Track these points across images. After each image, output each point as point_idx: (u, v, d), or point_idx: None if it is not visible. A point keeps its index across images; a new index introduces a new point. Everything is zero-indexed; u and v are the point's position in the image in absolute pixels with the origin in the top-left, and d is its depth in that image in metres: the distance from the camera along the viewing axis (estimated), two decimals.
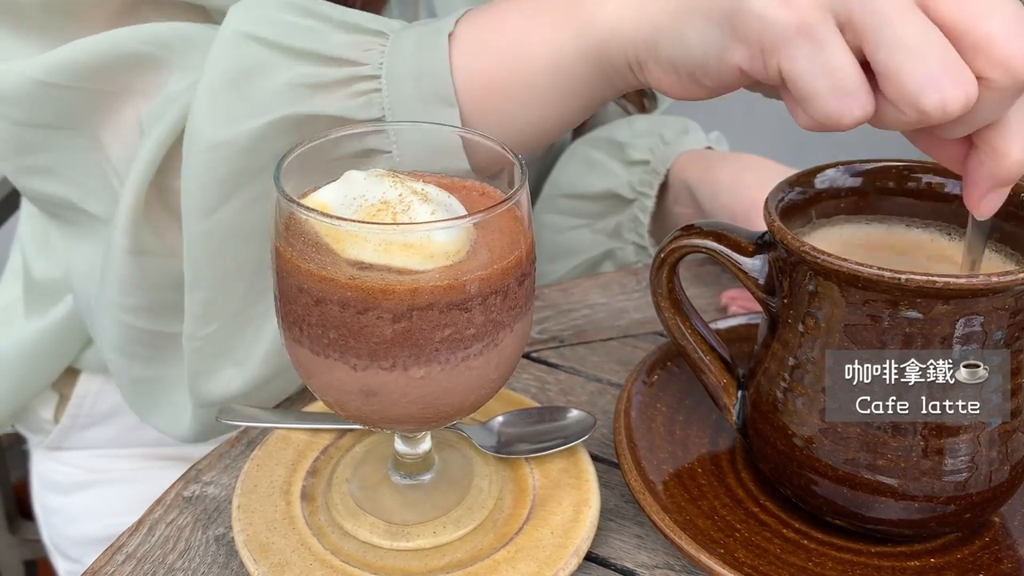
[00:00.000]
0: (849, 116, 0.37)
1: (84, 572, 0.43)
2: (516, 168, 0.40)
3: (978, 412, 0.39)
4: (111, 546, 0.44)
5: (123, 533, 0.45)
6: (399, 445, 0.46)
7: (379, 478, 0.47)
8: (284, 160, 0.40)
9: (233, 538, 0.43)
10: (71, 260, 0.59)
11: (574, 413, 0.49)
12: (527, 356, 0.60)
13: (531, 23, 0.47)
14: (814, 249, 0.38)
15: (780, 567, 0.42)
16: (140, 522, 0.46)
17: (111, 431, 0.79)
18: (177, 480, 0.48)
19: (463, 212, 0.39)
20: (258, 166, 0.47)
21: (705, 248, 0.44)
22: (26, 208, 0.79)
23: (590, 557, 0.44)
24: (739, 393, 0.47)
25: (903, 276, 0.36)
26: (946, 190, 0.45)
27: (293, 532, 0.43)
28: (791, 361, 0.42)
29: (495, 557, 0.42)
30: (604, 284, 0.69)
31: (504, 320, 0.39)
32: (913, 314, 0.38)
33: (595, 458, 0.49)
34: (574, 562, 0.42)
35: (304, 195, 0.40)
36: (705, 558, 0.41)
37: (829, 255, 0.38)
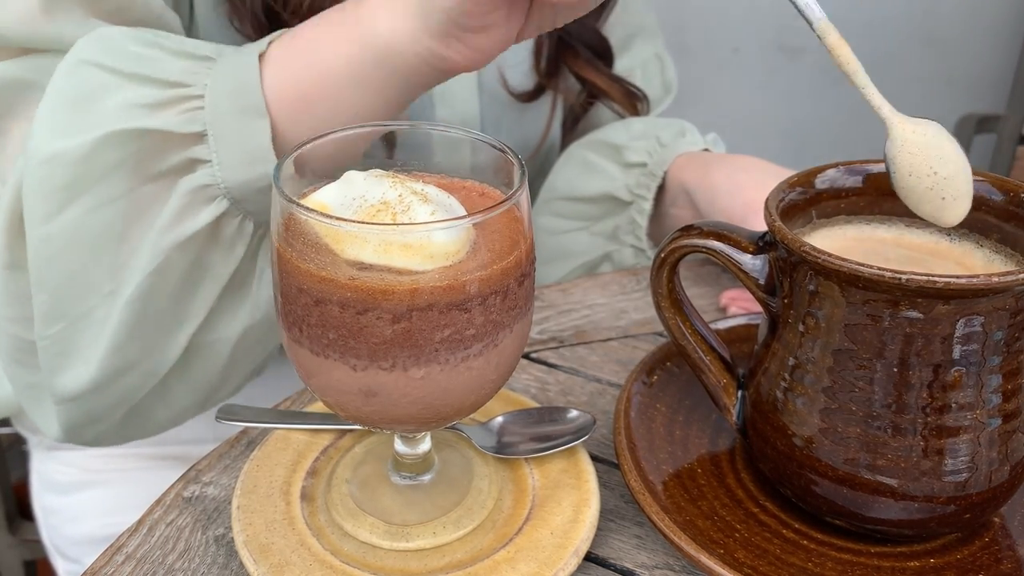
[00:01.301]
0: None
1: (84, 572, 0.43)
2: (515, 168, 0.40)
3: (978, 413, 0.39)
4: (111, 546, 0.44)
5: (123, 533, 0.45)
6: (399, 445, 0.46)
7: (379, 478, 0.47)
8: (284, 160, 0.40)
9: (233, 538, 0.43)
10: None
11: (574, 413, 0.49)
12: (527, 356, 0.60)
13: (326, 38, 0.52)
14: (815, 249, 0.38)
15: (780, 567, 0.42)
16: (140, 522, 0.46)
17: None
18: (177, 481, 0.48)
19: (463, 212, 0.39)
20: (94, 176, 0.50)
21: (706, 248, 0.44)
22: None
23: (590, 557, 0.44)
24: (739, 393, 0.47)
25: (904, 276, 0.36)
26: None
27: (293, 532, 0.43)
28: (791, 361, 0.42)
29: (495, 557, 0.42)
30: (604, 284, 0.69)
31: (504, 320, 0.39)
32: (913, 314, 0.38)
33: (595, 458, 0.49)
34: (574, 562, 0.42)
35: (304, 195, 0.41)
36: (705, 558, 0.41)
37: (830, 255, 0.38)
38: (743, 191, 0.66)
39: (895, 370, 0.39)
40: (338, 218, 0.37)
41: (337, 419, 0.50)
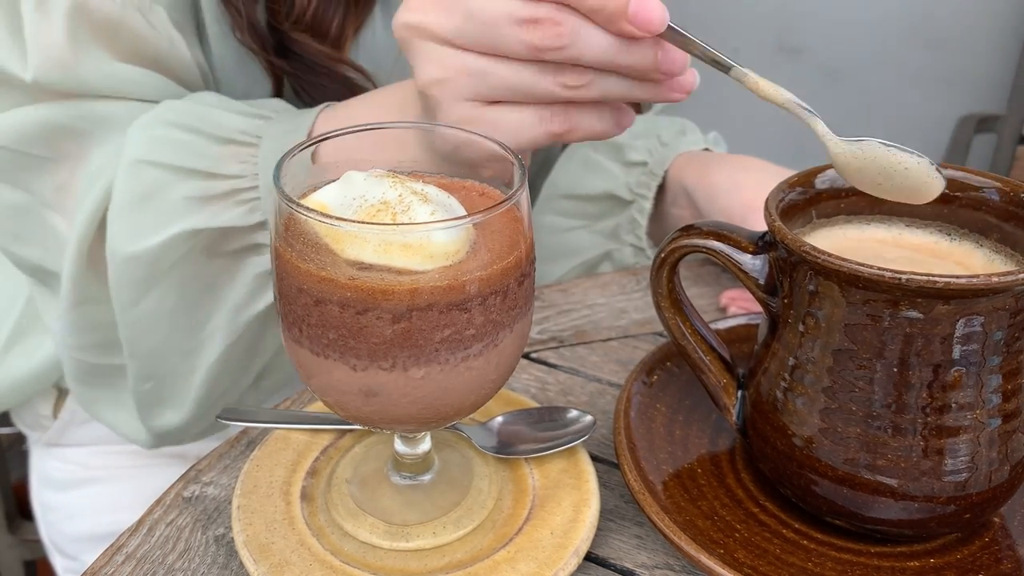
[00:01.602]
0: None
1: (84, 572, 0.43)
2: (515, 168, 0.40)
3: (978, 413, 0.39)
4: (111, 546, 0.44)
5: (123, 533, 0.45)
6: (399, 445, 0.46)
7: (379, 478, 0.47)
8: (284, 161, 0.40)
9: (233, 538, 0.43)
10: (46, 314, 0.69)
11: (574, 413, 0.49)
12: (527, 356, 0.60)
13: (378, 116, 0.55)
14: (815, 249, 0.38)
15: (780, 567, 0.42)
16: (140, 522, 0.46)
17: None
18: (177, 480, 0.48)
19: (463, 212, 0.39)
20: (166, 268, 0.57)
21: (706, 248, 0.44)
22: None
23: (590, 557, 0.44)
24: (739, 393, 0.47)
25: (903, 276, 0.36)
26: (948, 191, 0.45)
27: (293, 532, 0.43)
28: (791, 361, 0.42)
29: (495, 557, 0.42)
30: (604, 284, 0.69)
31: (504, 320, 0.39)
32: (913, 314, 0.38)
33: (595, 458, 0.49)
34: (574, 562, 0.42)
35: (304, 196, 0.41)
36: (705, 558, 0.41)
37: (830, 255, 0.38)
38: (743, 191, 0.66)
39: (895, 370, 0.39)
40: (338, 218, 0.37)
41: (337, 419, 0.50)
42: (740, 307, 0.64)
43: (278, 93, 0.69)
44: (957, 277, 0.36)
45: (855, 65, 1.73)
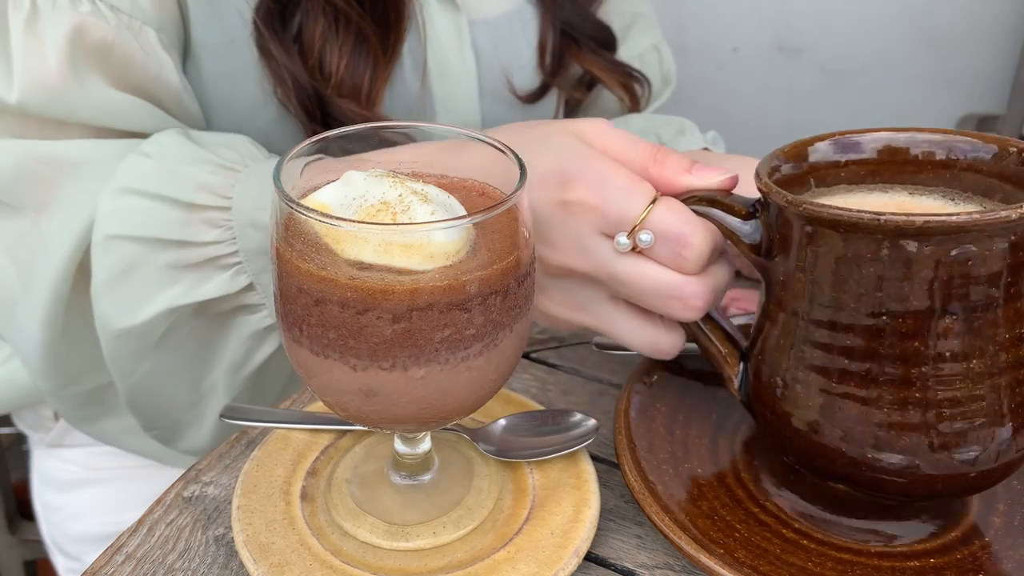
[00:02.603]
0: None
1: (84, 572, 0.43)
2: (516, 168, 0.40)
3: (977, 361, 0.39)
4: (111, 546, 0.44)
5: (123, 533, 0.45)
6: (399, 445, 0.46)
7: (379, 478, 0.47)
8: (284, 160, 0.40)
9: (233, 538, 0.43)
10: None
11: (577, 417, 0.49)
12: (527, 356, 0.60)
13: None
14: (795, 198, 0.39)
15: (780, 567, 0.42)
16: (140, 522, 0.46)
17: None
18: (177, 480, 0.48)
19: (463, 212, 0.39)
20: (157, 339, 0.58)
21: (700, 212, 0.45)
22: None
23: (590, 557, 0.44)
24: (742, 365, 0.47)
25: (883, 216, 0.36)
26: (949, 156, 0.45)
27: (293, 532, 0.43)
28: (788, 320, 0.42)
29: (495, 557, 0.42)
30: None
31: (504, 320, 0.39)
32: (901, 258, 0.37)
33: (595, 458, 0.49)
34: (574, 562, 0.42)
35: (304, 195, 0.41)
36: (705, 558, 0.41)
37: (811, 202, 0.38)
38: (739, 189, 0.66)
39: (884, 319, 0.38)
40: (338, 218, 0.37)
41: (337, 419, 0.50)
42: (740, 308, 0.64)
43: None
44: (937, 215, 0.36)
45: (855, 65, 1.73)
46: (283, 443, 0.49)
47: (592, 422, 0.48)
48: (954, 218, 0.36)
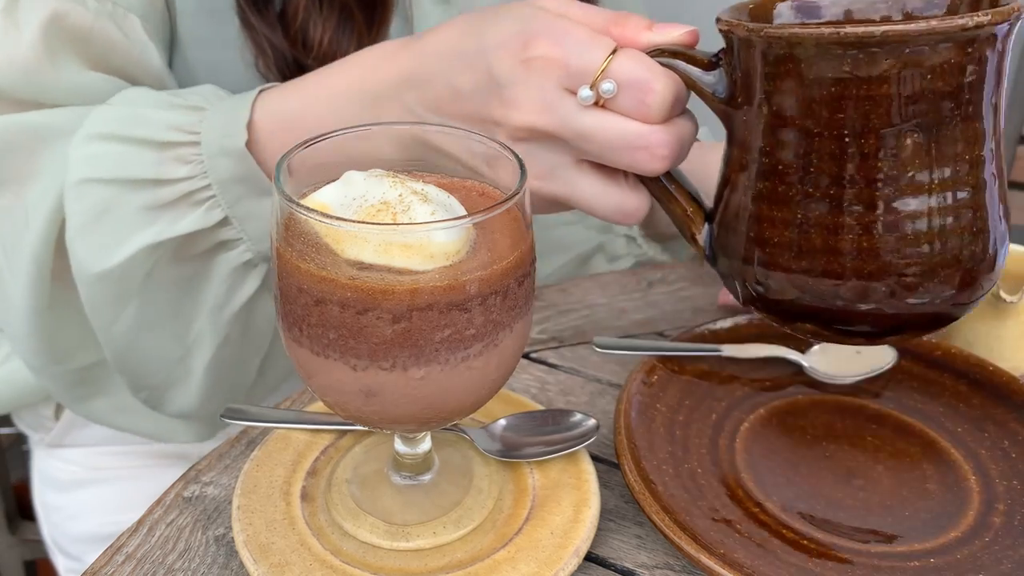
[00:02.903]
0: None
1: (84, 572, 0.43)
2: (516, 168, 0.40)
3: (940, 180, 0.39)
4: (111, 546, 0.44)
5: (123, 533, 0.45)
6: (399, 445, 0.46)
7: (379, 478, 0.47)
8: (284, 160, 0.40)
9: (233, 538, 0.43)
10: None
11: (577, 417, 0.49)
12: (527, 356, 0.60)
13: (324, 104, 0.54)
14: (756, 25, 0.39)
15: (780, 567, 0.42)
16: (140, 522, 0.46)
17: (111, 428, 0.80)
18: (177, 480, 0.48)
19: (463, 212, 0.39)
20: (137, 283, 0.57)
21: (663, 64, 0.45)
22: None
23: (590, 557, 0.44)
24: (706, 226, 0.47)
25: (841, 29, 0.36)
26: (904, 13, 0.44)
27: (293, 532, 0.43)
28: (752, 163, 0.42)
29: (495, 557, 0.42)
30: (604, 284, 0.69)
31: (504, 320, 0.39)
32: (862, 73, 0.37)
33: (595, 458, 0.49)
34: (574, 562, 0.42)
35: (304, 195, 0.41)
36: (705, 558, 0.41)
37: (770, 26, 0.38)
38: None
39: (848, 141, 0.38)
40: (338, 218, 0.37)
41: (337, 419, 0.50)
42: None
43: None
44: (895, 22, 0.36)
45: None
46: (283, 443, 0.49)
47: (592, 422, 0.48)
48: (913, 26, 0.35)
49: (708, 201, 0.48)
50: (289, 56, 0.65)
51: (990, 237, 0.40)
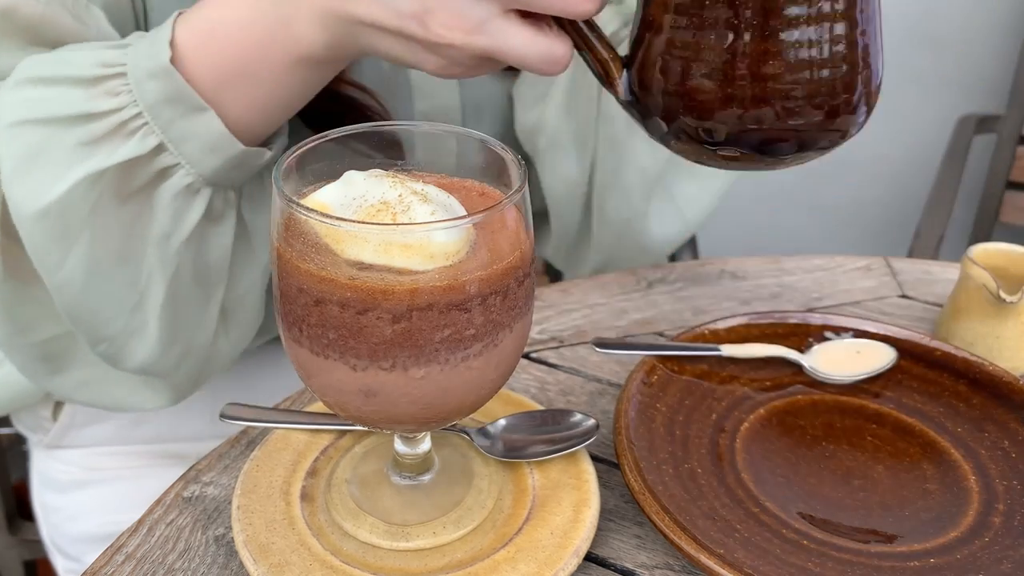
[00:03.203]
0: None
1: (84, 572, 0.43)
2: (515, 168, 0.40)
3: (811, 13, 0.41)
4: (111, 546, 0.44)
5: (123, 533, 0.45)
6: (399, 445, 0.46)
7: (379, 478, 0.47)
8: (284, 160, 0.40)
9: (233, 538, 0.43)
10: None
11: (577, 417, 0.49)
12: (527, 356, 0.60)
13: (237, 9, 0.54)
14: None
15: (780, 567, 0.42)
16: (140, 522, 0.46)
17: (109, 428, 0.80)
18: (177, 480, 0.48)
19: (463, 212, 0.39)
20: (82, 218, 0.55)
21: None
22: None
23: (590, 557, 0.44)
24: (625, 71, 0.47)
25: None
26: None
27: (293, 532, 0.43)
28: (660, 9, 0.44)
29: (495, 557, 0.42)
30: (604, 284, 0.69)
31: (504, 320, 0.39)
32: None
33: (595, 458, 0.49)
34: (574, 562, 0.42)
35: (304, 195, 0.41)
36: (705, 558, 0.41)
37: None
38: None
39: None
40: (338, 218, 0.37)
41: (337, 419, 0.50)
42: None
43: None
44: None
45: None
46: (283, 443, 0.49)
47: (592, 422, 0.48)
48: None
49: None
50: None
51: (861, 68, 0.43)
